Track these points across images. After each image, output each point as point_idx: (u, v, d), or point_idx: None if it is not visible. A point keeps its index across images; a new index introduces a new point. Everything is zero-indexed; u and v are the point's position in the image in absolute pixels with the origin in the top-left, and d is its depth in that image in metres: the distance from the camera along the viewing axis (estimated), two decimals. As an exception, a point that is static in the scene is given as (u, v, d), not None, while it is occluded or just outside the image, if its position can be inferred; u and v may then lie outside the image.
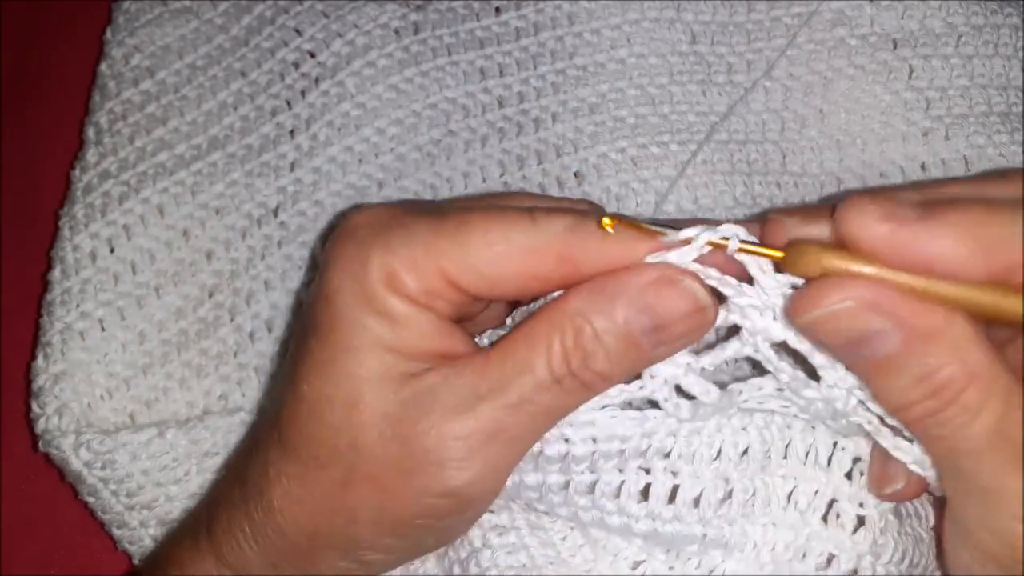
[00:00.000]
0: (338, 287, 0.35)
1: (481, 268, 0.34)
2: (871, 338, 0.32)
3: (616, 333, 0.34)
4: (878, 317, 0.31)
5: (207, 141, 0.56)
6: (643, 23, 0.57)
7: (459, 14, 0.58)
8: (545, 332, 0.34)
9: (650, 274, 0.34)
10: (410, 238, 0.35)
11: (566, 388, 0.35)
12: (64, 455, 0.49)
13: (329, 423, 0.35)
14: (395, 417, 0.35)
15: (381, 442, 0.35)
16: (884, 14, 0.55)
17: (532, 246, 0.34)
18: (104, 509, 0.51)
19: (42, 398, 0.50)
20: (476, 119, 0.57)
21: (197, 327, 0.53)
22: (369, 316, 0.35)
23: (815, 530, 0.37)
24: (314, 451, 0.36)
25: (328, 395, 0.35)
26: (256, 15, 0.59)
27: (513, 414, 0.35)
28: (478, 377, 0.35)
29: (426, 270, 0.34)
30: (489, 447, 0.35)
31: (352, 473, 0.35)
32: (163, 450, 0.50)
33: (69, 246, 0.53)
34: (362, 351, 0.35)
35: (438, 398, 0.34)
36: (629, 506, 0.37)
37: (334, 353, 0.35)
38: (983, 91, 0.54)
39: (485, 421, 0.34)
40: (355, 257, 0.35)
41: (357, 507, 0.35)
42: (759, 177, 0.55)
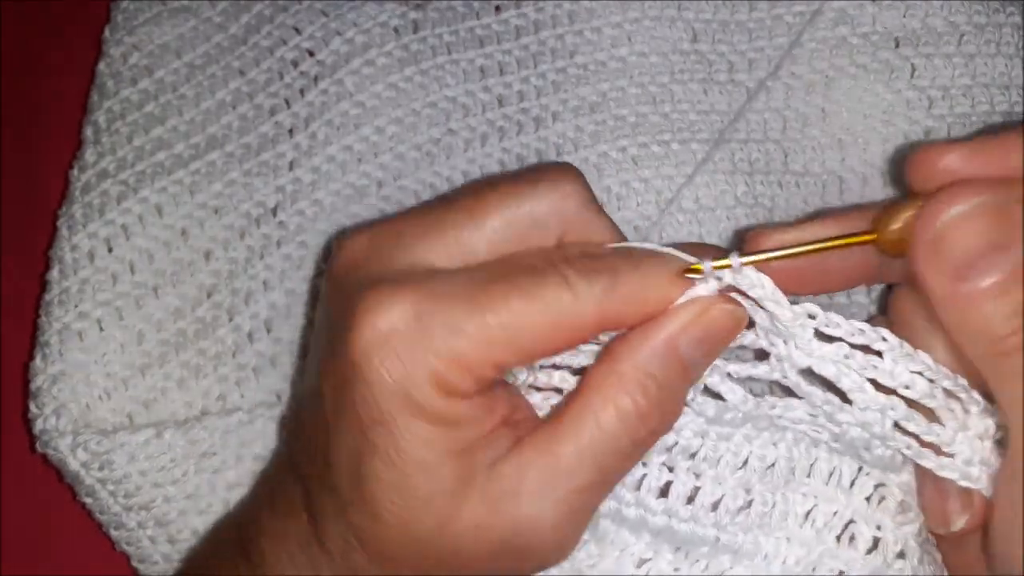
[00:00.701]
0: (390, 410, 0.33)
1: (527, 350, 0.34)
2: (989, 253, 0.31)
3: (676, 372, 0.35)
4: (1000, 228, 0.31)
5: (205, 140, 0.56)
6: (644, 21, 0.57)
7: (459, 12, 0.58)
8: (614, 393, 0.34)
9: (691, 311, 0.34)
10: (451, 337, 0.33)
11: (641, 445, 0.35)
12: (62, 455, 0.49)
13: (426, 542, 0.35)
14: (486, 525, 0.34)
15: (478, 548, 0.35)
16: (886, 13, 0.55)
17: (575, 318, 0.34)
18: (102, 510, 0.51)
19: (40, 398, 0.50)
20: (476, 118, 0.57)
21: (195, 327, 0.53)
22: (429, 429, 0.33)
23: (828, 548, 0.37)
24: (414, 563, 0.36)
25: (417, 518, 0.34)
26: (255, 13, 0.59)
27: (600, 487, 0.35)
28: (552, 459, 0.34)
29: (476, 368, 0.33)
30: (579, 521, 0.36)
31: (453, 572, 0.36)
32: (161, 451, 0.50)
33: (67, 246, 0.53)
34: (433, 467, 0.34)
35: (520, 494, 0.34)
36: (648, 500, 0.38)
37: (406, 474, 0.34)
38: (985, 90, 0.54)
39: (571, 504, 0.35)
40: (401, 374, 0.33)
41: None
42: (760, 176, 0.55)
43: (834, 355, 0.34)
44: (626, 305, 0.34)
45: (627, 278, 0.34)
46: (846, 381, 0.35)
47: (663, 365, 0.34)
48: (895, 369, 0.34)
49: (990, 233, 0.31)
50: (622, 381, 0.34)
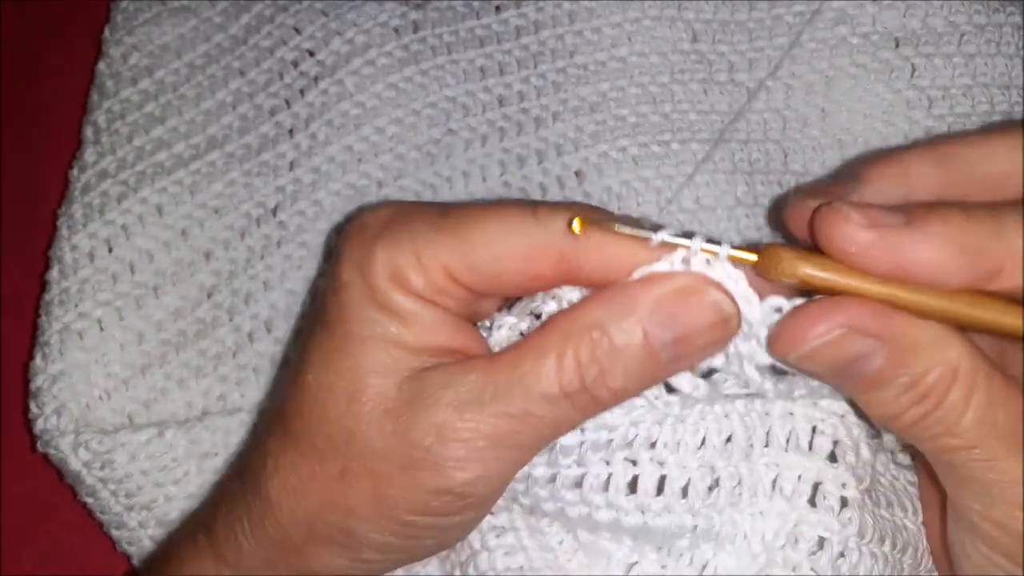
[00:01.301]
0: (347, 282, 0.35)
1: (482, 266, 0.34)
2: (858, 361, 0.32)
3: (636, 347, 0.33)
4: (863, 340, 0.32)
5: (206, 140, 0.56)
6: (644, 21, 0.57)
7: (459, 12, 0.58)
8: (559, 342, 0.34)
9: (673, 283, 0.33)
10: (415, 235, 0.35)
11: (576, 404, 0.34)
12: (63, 455, 0.49)
13: (330, 414, 0.35)
14: (396, 412, 0.35)
15: (381, 436, 0.35)
16: (886, 13, 0.55)
17: (534, 245, 0.34)
18: (103, 509, 0.51)
19: (41, 398, 0.50)
20: (476, 118, 0.57)
21: (196, 327, 0.53)
22: (377, 311, 0.35)
23: (803, 515, 0.36)
24: (313, 441, 0.36)
25: (331, 385, 0.35)
26: (255, 14, 0.59)
27: (516, 423, 0.34)
28: (484, 380, 0.34)
29: (430, 267, 0.34)
30: (489, 452, 0.34)
31: (350, 465, 0.35)
32: (162, 450, 0.50)
33: (67, 246, 0.53)
34: (368, 343, 0.35)
35: (441, 397, 0.34)
36: (618, 499, 0.37)
37: (340, 344, 0.35)
38: (985, 90, 0.54)
39: (487, 426, 0.34)
40: (363, 253, 0.35)
41: (354, 501, 0.35)
42: (761, 176, 0.55)
43: None
44: (589, 250, 0.34)
45: (602, 228, 0.34)
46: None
47: (625, 330, 0.33)
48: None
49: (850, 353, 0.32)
50: (578, 328, 0.34)
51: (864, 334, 0.32)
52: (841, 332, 0.32)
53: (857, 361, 0.32)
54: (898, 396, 0.32)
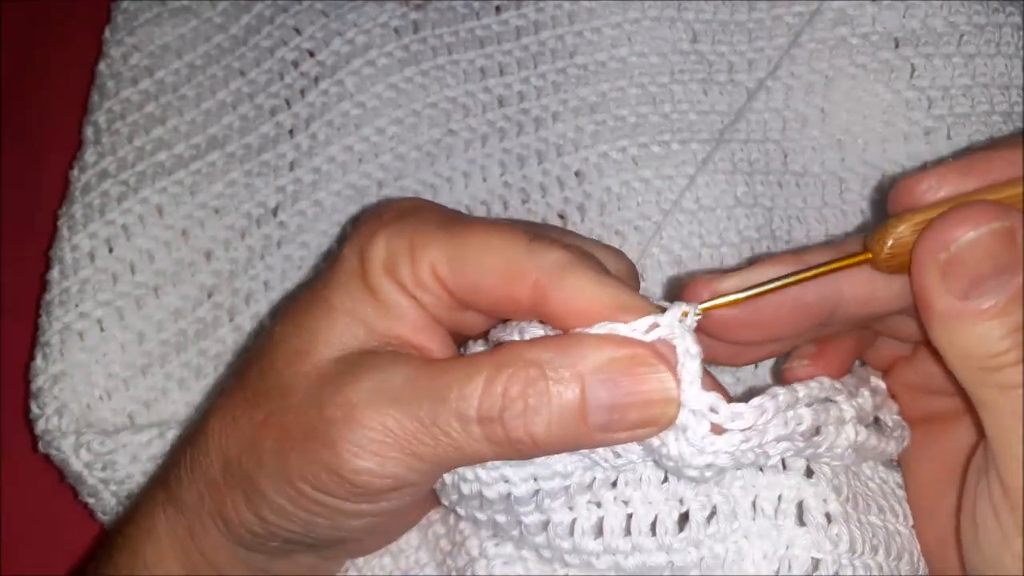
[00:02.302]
0: (345, 256, 0.37)
1: (466, 273, 0.35)
2: (995, 275, 0.32)
3: (569, 399, 0.32)
4: (1008, 252, 0.32)
5: (206, 140, 0.56)
6: (644, 22, 0.57)
7: (459, 13, 0.58)
8: (494, 367, 0.33)
9: (626, 350, 0.33)
10: (417, 228, 0.36)
11: (487, 435, 0.33)
12: (64, 456, 0.49)
13: (275, 365, 0.36)
14: (324, 380, 0.35)
15: (304, 397, 0.35)
16: (886, 13, 0.55)
17: (516, 266, 0.34)
18: (104, 510, 0.51)
19: (41, 398, 0.50)
20: (476, 118, 0.57)
21: (196, 327, 0.53)
22: (359, 287, 0.36)
23: (793, 537, 0.35)
24: (255, 387, 0.37)
25: (287, 340, 0.37)
26: (255, 14, 0.59)
27: (423, 431, 0.34)
28: (410, 377, 0.34)
29: (420, 260, 0.35)
30: (388, 449, 0.34)
31: (271, 417, 0.36)
32: (163, 451, 0.50)
33: (68, 246, 0.53)
34: (336, 313, 0.36)
35: (365, 378, 0.34)
36: (585, 543, 0.36)
37: (313, 307, 0.37)
38: (985, 90, 0.54)
39: (393, 422, 0.34)
40: (368, 234, 0.36)
41: (263, 451, 0.36)
42: (760, 176, 0.55)
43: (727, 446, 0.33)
44: (563, 289, 0.34)
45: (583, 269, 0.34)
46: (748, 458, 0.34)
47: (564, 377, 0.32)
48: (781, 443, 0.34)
49: (997, 257, 0.32)
50: (519, 359, 0.33)
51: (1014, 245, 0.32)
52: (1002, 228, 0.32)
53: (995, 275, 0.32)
54: (1003, 335, 0.32)
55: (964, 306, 0.33)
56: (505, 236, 0.35)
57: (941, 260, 0.33)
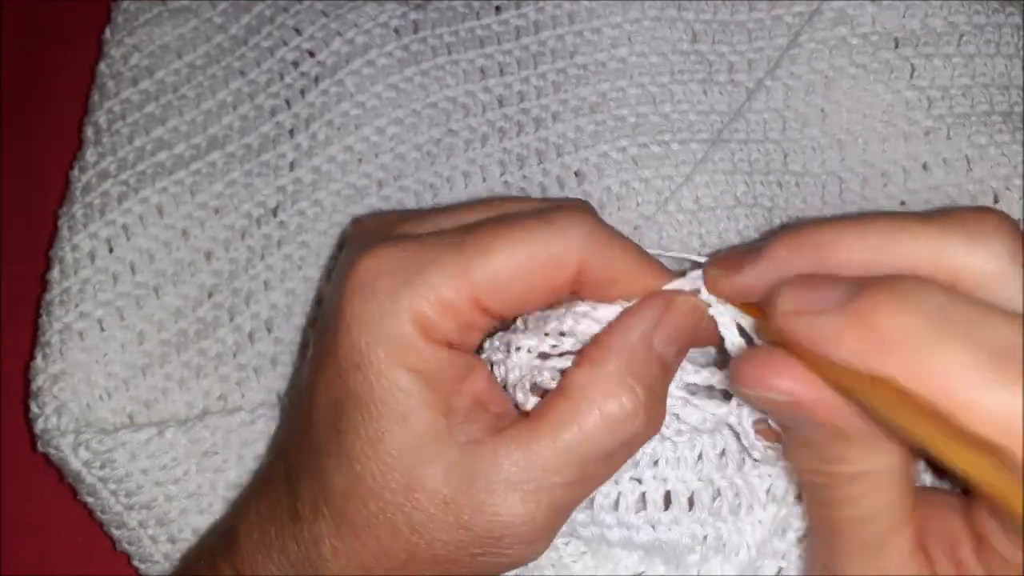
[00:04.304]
0: (370, 353, 0.33)
1: (511, 286, 0.33)
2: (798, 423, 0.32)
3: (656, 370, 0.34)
4: (805, 413, 0.31)
5: (206, 141, 0.56)
6: (644, 22, 0.57)
7: (459, 13, 0.58)
8: (600, 397, 0.34)
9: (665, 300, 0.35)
10: (436, 272, 0.33)
11: (625, 447, 0.35)
12: (63, 455, 0.49)
13: (389, 506, 0.34)
14: (456, 503, 0.34)
15: (445, 528, 0.34)
16: (886, 13, 0.55)
17: (556, 255, 0.33)
18: (103, 509, 0.51)
19: (41, 398, 0.50)
20: (476, 118, 0.57)
21: (196, 327, 0.53)
22: (407, 376, 0.33)
23: (791, 509, 0.38)
24: (376, 531, 0.35)
25: (384, 476, 0.34)
26: (255, 14, 0.59)
27: (573, 490, 0.34)
28: (532, 454, 0.34)
29: (460, 305, 0.33)
30: (553, 520, 0.35)
31: (415, 555, 0.35)
32: (162, 449, 0.50)
33: (68, 246, 0.53)
34: (408, 417, 0.33)
35: (494, 480, 0.34)
36: (628, 517, 0.38)
37: (382, 428, 0.34)
38: (985, 90, 0.54)
39: (546, 500, 0.34)
40: (382, 313, 0.33)
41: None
42: (760, 176, 0.55)
43: None
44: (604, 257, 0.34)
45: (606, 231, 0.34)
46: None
47: (644, 362, 0.34)
48: None
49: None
50: (607, 383, 0.34)
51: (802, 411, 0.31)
52: (787, 400, 0.31)
53: (797, 423, 0.32)
54: (815, 462, 0.32)
55: None
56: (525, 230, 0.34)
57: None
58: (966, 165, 0.54)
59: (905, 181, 0.54)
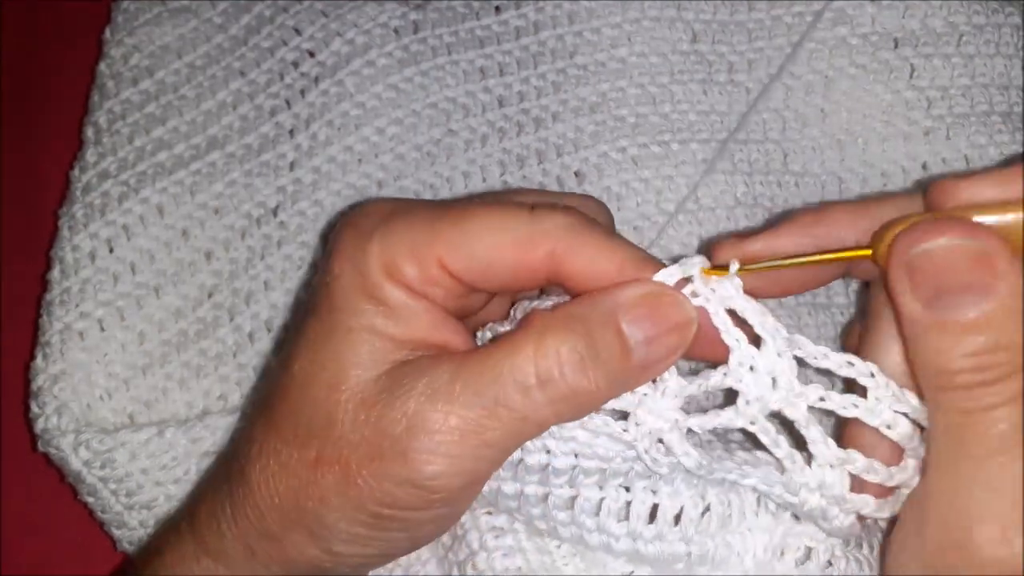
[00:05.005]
0: (339, 273, 0.36)
1: (478, 257, 0.35)
2: (963, 292, 0.31)
3: (613, 341, 0.34)
4: (980, 272, 0.31)
5: (206, 141, 0.56)
6: (644, 22, 0.57)
7: (459, 13, 0.58)
8: (537, 334, 0.34)
9: (647, 288, 0.35)
10: (411, 227, 0.35)
11: (551, 397, 0.34)
12: (63, 454, 0.49)
13: (311, 400, 0.36)
14: (371, 402, 0.35)
15: (354, 425, 0.35)
16: (885, 13, 0.55)
17: (527, 238, 0.35)
18: (103, 509, 0.51)
19: (41, 398, 0.50)
20: (476, 118, 0.57)
21: (196, 327, 0.53)
22: (367, 302, 0.35)
23: (789, 527, 0.37)
24: (295, 428, 0.36)
25: (314, 374, 0.36)
26: (255, 14, 0.59)
27: (487, 416, 0.34)
28: (458, 371, 0.34)
29: (424, 258, 0.35)
30: (460, 446, 0.34)
31: (324, 452, 0.35)
32: (162, 449, 0.50)
33: (68, 246, 0.53)
34: (354, 334, 0.36)
35: (414, 387, 0.34)
36: (609, 524, 0.37)
37: (326, 334, 0.36)
38: (985, 90, 0.54)
39: (457, 418, 0.34)
40: (356, 245, 0.36)
41: (326, 488, 0.35)
42: (760, 176, 0.55)
43: (808, 397, 0.34)
44: (580, 251, 0.35)
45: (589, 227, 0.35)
46: (813, 431, 0.35)
47: (601, 332, 0.34)
48: (878, 407, 0.35)
49: (964, 273, 0.32)
50: (555, 326, 0.34)
51: (984, 268, 0.31)
52: (972, 246, 0.31)
53: (961, 293, 0.31)
54: (969, 355, 0.31)
55: (925, 315, 0.32)
56: (505, 211, 0.35)
57: (903, 264, 0.32)
58: (965, 165, 0.54)
59: (905, 181, 0.54)
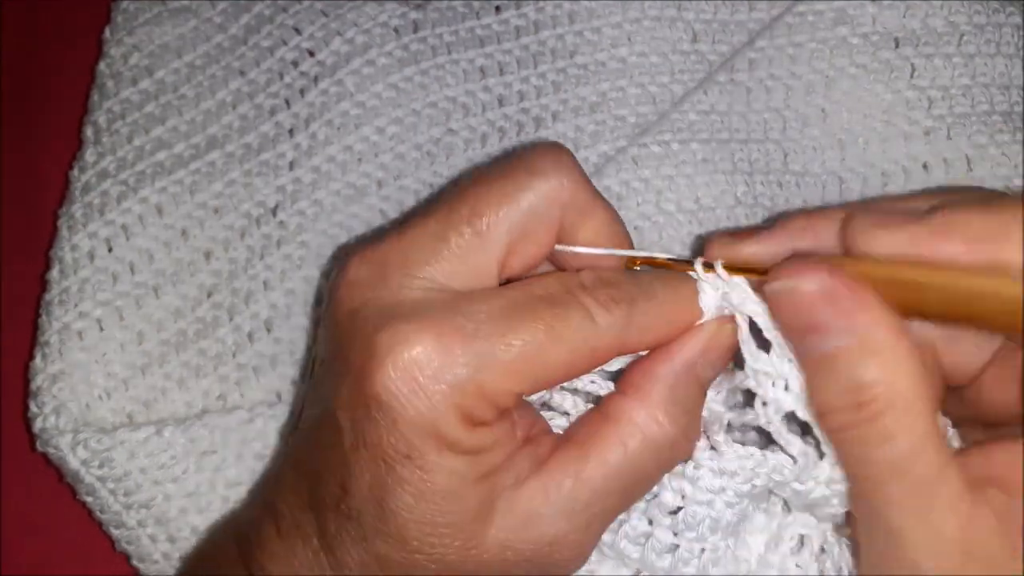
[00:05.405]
0: (416, 444, 0.33)
1: (548, 379, 0.35)
2: (821, 329, 0.32)
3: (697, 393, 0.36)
4: (833, 311, 0.32)
5: (206, 140, 0.56)
6: (644, 22, 0.57)
7: (459, 12, 0.58)
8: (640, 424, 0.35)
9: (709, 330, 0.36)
10: (476, 369, 0.33)
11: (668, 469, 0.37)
12: (62, 454, 0.49)
13: (453, 565, 0.35)
14: (512, 544, 0.35)
15: (507, 568, 0.35)
16: (886, 13, 0.55)
17: (595, 349, 0.35)
18: (102, 508, 0.51)
19: (40, 397, 0.50)
20: (476, 118, 0.57)
21: (196, 327, 0.53)
22: (457, 460, 0.34)
23: (781, 519, 0.38)
24: None
25: (444, 544, 0.34)
26: (255, 14, 0.59)
27: (616, 511, 0.36)
28: (581, 482, 0.35)
29: (501, 397, 0.34)
30: (597, 537, 0.36)
31: None
32: (161, 448, 0.50)
33: (67, 246, 0.53)
34: (461, 495, 0.34)
35: (547, 514, 0.35)
36: (625, 547, 0.38)
37: (435, 505, 0.34)
38: (985, 90, 0.54)
39: (593, 524, 0.36)
40: (425, 408, 0.33)
41: None
42: (760, 176, 0.55)
43: None
44: (643, 333, 0.35)
45: (644, 307, 0.35)
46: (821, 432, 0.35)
47: (686, 388, 0.36)
48: None
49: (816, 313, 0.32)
50: (649, 407, 0.35)
51: (836, 307, 0.31)
52: (820, 288, 0.32)
53: (820, 330, 0.32)
54: (839, 392, 0.32)
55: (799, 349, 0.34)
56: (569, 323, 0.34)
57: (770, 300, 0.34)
58: (966, 165, 0.54)
59: (905, 181, 0.54)
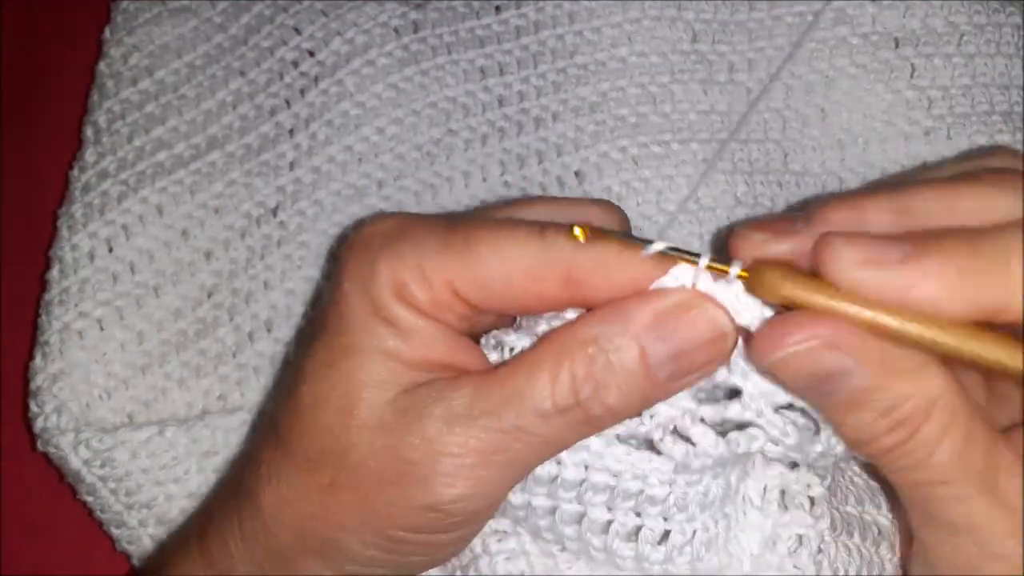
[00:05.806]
0: (347, 293, 0.35)
1: (488, 283, 0.34)
2: (834, 376, 0.31)
3: (632, 363, 0.33)
4: (839, 355, 0.31)
5: (206, 140, 0.56)
6: (644, 21, 0.57)
7: (459, 12, 0.58)
8: (553, 358, 0.34)
9: (670, 299, 0.33)
10: (420, 249, 0.34)
11: (569, 421, 0.34)
12: (63, 453, 0.49)
13: (323, 425, 0.35)
14: (387, 426, 0.34)
15: (370, 449, 0.34)
16: (886, 13, 0.55)
17: (539, 265, 0.33)
18: (103, 508, 0.51)
19: (40, 397, 0.50)
20: (476, 118, 0.57)
21: (196, 327, 0.53)
22: (376, 323, 0.35)
23: (777, 518, 0.37)
24: (306, 452, 0.36)
25: (326, 396, 0.35)
26: (255, 14, 0.59)
27: (507, 439, 0.34)
28: (475, 394, 0.34)
29: (434, 282, 0.34)
30: (479, 468, 0.34)
31: (339, 478, 0.35)
32: (162, 448, 0.50)
33: (68, 245, 0.53)
34: (365, 356, 0.35)
35: (431, 411, 0.34)
36: (615, 544, 0.37)
37: (337, 356, 0.35)
38: (985, 90, 0.54)
39: (476, 441, 0.34)
40: (365, 265, 0.35)
41: (341, 514, 0.35)
42: (760, 176, 0.55)
43: None
44: (595, 272, 0.33)
45: (603, 245, 0.33)
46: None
47: (621, 346, 0.33)
48: None
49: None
50: (573, 343, 0.33)
51: (842, 351, 0.31)
52: (817, 343, 0.31)
53: (833, 377, 0.31)
54: (874, 420, 0.32)
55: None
56: (516, 235, 0.34)
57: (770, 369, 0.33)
58: (966, 165, 0.54)
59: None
